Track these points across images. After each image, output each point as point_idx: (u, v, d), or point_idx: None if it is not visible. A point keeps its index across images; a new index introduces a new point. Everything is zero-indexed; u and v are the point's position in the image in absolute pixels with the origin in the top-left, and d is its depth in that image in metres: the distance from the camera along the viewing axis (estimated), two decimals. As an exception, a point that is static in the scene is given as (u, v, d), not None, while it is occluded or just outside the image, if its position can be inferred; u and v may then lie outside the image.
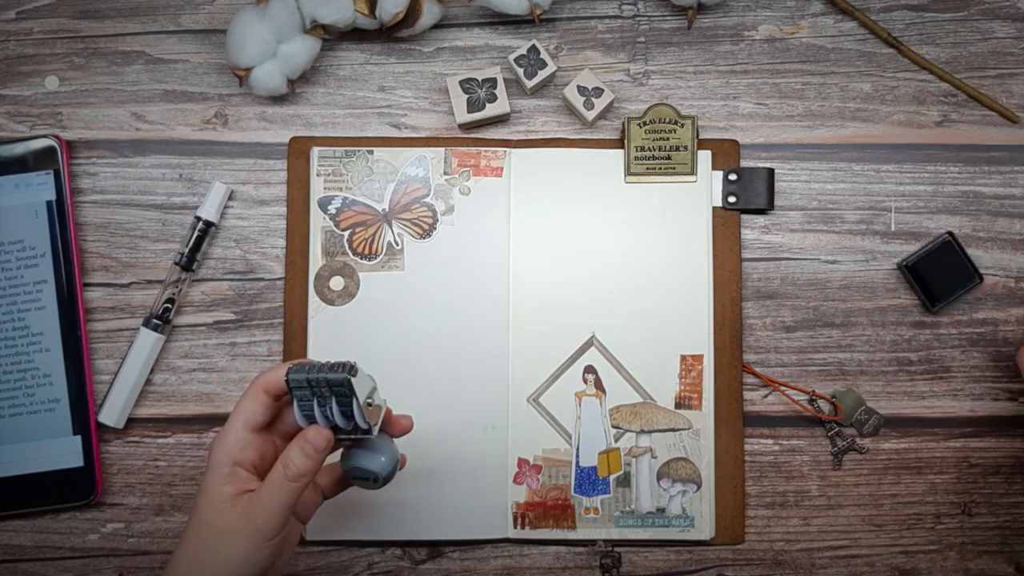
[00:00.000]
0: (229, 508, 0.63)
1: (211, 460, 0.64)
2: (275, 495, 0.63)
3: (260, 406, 0.64)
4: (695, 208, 0.80)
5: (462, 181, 0.80)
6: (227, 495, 0.63)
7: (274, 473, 0.63)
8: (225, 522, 0.63)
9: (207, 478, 0.64)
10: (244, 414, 0.64)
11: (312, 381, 0.63)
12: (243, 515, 0.62)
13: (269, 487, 0.63)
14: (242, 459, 0.64)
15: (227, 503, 0.63)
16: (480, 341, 0.78)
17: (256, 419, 0.64)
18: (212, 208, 0.79)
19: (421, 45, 0.82)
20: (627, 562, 0.79)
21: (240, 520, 0.62)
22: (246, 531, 0.62)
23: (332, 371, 0.63)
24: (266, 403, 0.65)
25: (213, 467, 0.64)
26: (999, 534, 0.79)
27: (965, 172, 0.81)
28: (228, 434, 0.64)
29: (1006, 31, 0.82)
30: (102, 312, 0.80)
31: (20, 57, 0.81)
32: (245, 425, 0.64)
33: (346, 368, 0.63)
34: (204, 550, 0.63)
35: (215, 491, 0.63)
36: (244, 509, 0.63)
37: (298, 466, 0.63)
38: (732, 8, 0.82)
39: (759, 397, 0.80)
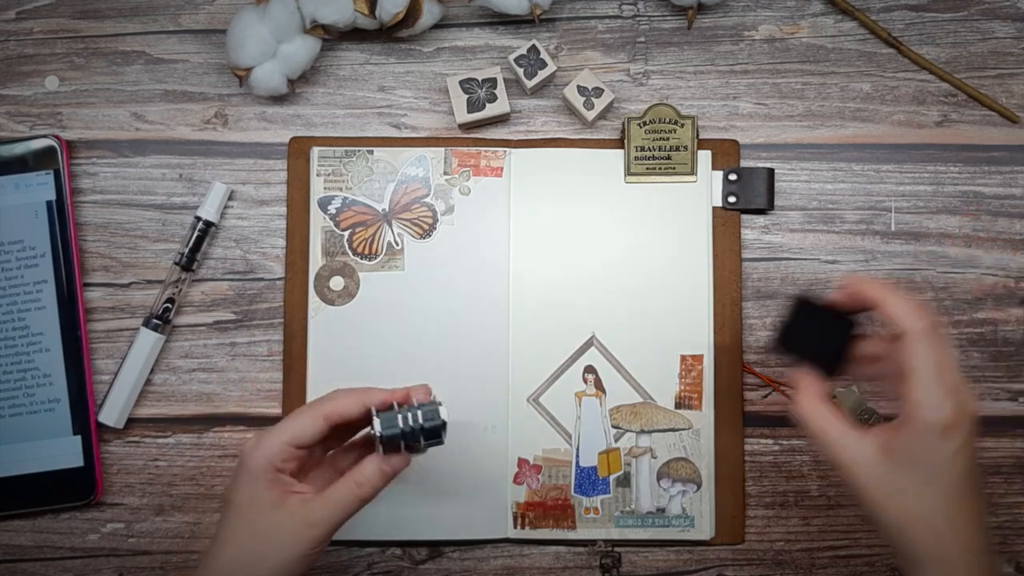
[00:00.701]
0: (277, 512, 0.63)
1: (249, 464, 0.64)
2: (341, 509, 0.64)
3: (315, 430, 0.64)
4: (695, 208, 0.80)
5: (462, 181, 0.80)
6: (273, 499, 0.63)
7: (343, 488, 0.64)
8: (276, 526, 0.63)
9: (247, 482, 0.64)
10: (294, 431, 0.64)
11: (406, 432, 0.65)
12: (300, 521, 0.63)
13: (335, 500, 0.64)
14: (284, 468, 0.64)
15: (274, 507, 0.63)
16: (480, 341, 0.78)
17: (305, 440, 0.64)
18: (212, 208, 0.79)
19: (421, 45, 0.82)
20: (627, 562, 0.79)
21: (295, 526, 0.63)
22: (302, 536, 0.63)
23: (427, 420, 0.65)
24: (323, 429, 0.65)
25: (253, 472, 0.64)
26: (999, 534, 0.79)
27: (965, 172, 0.81)
28: (271, 443, 0.64)
29: (1006, 31, 0.82)
30: (102, 312, 0.80)
31: (20, 57, 0.81)
32: (292, 441, 0.64)
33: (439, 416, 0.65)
34: (251, 552, 0.63)
35: (260, 495, 0.63)
36: (302, 516, 0.63)
37: (374, 485, 0.65)
38: (732, 8, 0.82)
39: (759, 397, 0.80)
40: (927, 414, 0.59)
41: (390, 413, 0.65)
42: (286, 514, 0.63)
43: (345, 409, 0.65)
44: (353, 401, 0.65)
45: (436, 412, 0.65)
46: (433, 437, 0.65)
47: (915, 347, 0.60)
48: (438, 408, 0.65)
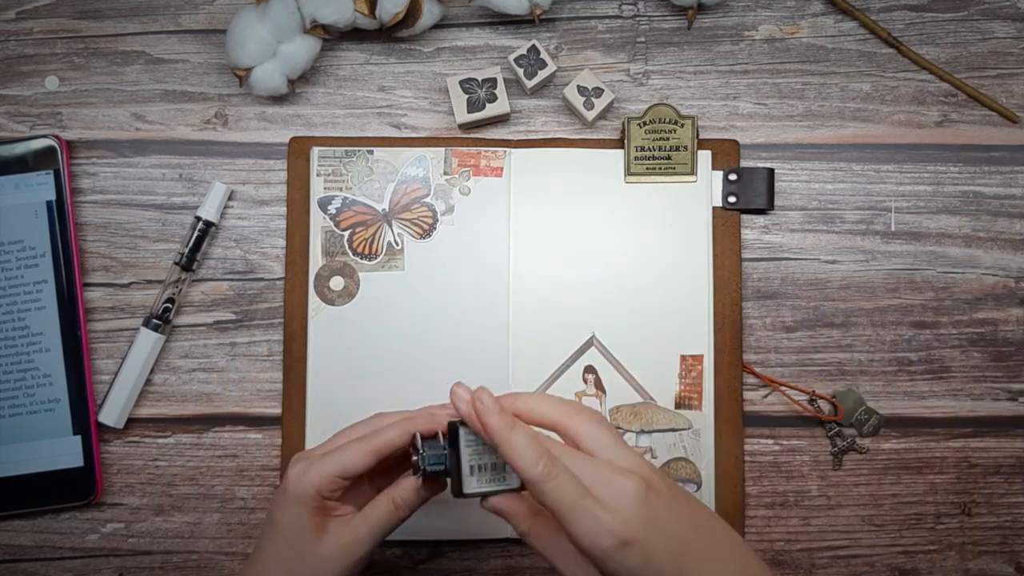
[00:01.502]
0: (321, 538, 0.64)
1: (297, 493, 0.64)
2: (379, 529, 0.64)
3: (365, 464, 0.64)
4: (695, 208, 0.80)
5: (462, 181, 0.80)
6: (317, 525, 0.64)
7: (382, 508, 0.64)
8: (319, 552, 0.64)
9: (293, 509, 0.64)
10: (345, 465, 0.64)
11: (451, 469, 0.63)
12: (343, 545, 0.64)
13: (375, 520, 0.64)
14: (330, 496, 0.65)
15: (317, 532, 0.64)
16: (480, 341, 0.78)
17: (354, 473, 0.64)
18: (212, 208, 0.79)
19: (421, 45, 0.82)
20: (627, 562, 0.79)
21: (338, 550, 0.64)
22: (350, 560, 0.64)
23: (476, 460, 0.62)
24: (372, 463, 0.65)
25: (300, 499, 0.64)
26: (999, 534, 0.79)
27: (965, 172, 0.81)
28: (320, 474, 0.64)
29: (1006, 31, 0.82)
30: (102, 312, 0.80)
31: (20, 57, 0.81)
32: (342, 474, 0.64)
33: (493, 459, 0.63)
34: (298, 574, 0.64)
35: (305, 523, 0.64)
36: (344, 539, 0.64)
37: (412, 507, 0.65)
38: (732, 8, 0.82)
39: (759, 397, 0.80)
40: (595, 543, 0.56)
41: (436, 449, 0.64)
42: (329, 538, 0.64)
43: (395, 442, 0.65)
44: (400, 433, 0.65)
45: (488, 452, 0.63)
46: None
47: (545, 484, 0.57)
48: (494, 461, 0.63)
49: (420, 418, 0.66)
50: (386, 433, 0.65)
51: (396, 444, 0.65)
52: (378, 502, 0.65)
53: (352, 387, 0.78)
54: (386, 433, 0.65)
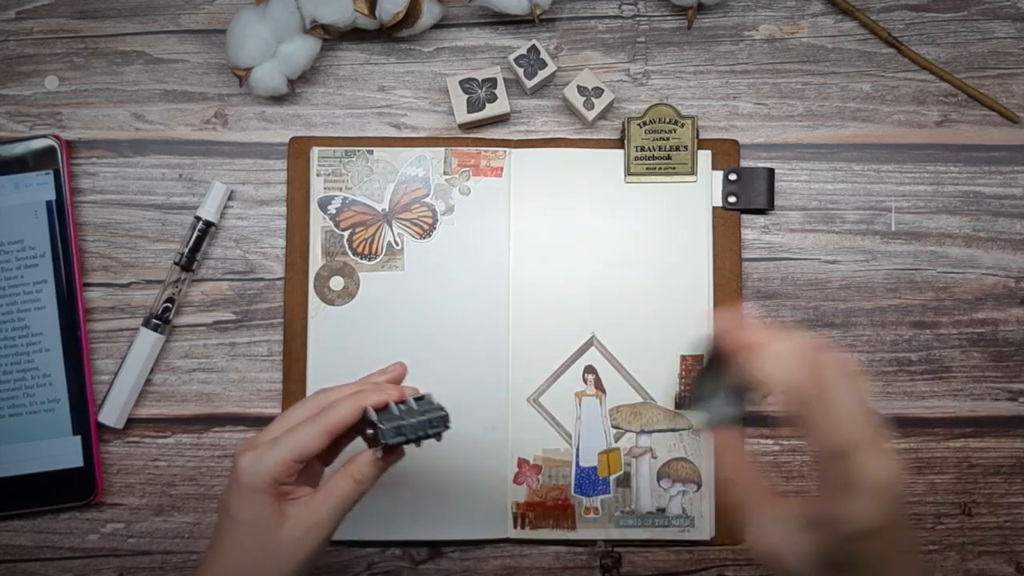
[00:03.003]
0: (281, 523, 0.63)
1: (251, 481, 0.63)
2: (341, 505, 0.64)
3: (319, 445, 0.64)
4: (695, 208, 0.80)
5: (462, 181, 0.80)
6: (276, 511, 0.63)
7: (343, 487, 0.64)
8: (281, 537, 0.63)
9: (249, 498, 0.63)
10: (299, 448, 0.63)
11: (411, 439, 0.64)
12: (304, 527, 0.63)
13: (336, 497, 0.64)
14: (286, 481, 0.64)
15: (277, 517, 0.63)
16: (480, 341, 0.78)
17: (311, 454, 0.64)
18: (212, 208, 0.79)
19: (421, 45, 0.82)
20: (627, 562, 0.79)
21: (301, 533, 0.63)
22: (314, 541, 0.63)
23: (432, 427, 0.64)
24: (325, 444, 0.64)
25: (256, 487, 0.63)
26: (999, 534, 0.79)
27: (965, 172, 0.81)
28: (274, 460, 0.63)
29: (1006, 31, 0.82)
30: (102, 312, 0.80)
31: (20, 57, 0.81)
32: (296, 458, 0.63)
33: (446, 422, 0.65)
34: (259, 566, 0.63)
35: (264, 510, 0.63)
36: (305, 521, 0.63)
37: (373, 478, 0.65)
38: (732, 8, 0.82)
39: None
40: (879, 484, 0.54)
41: (393, 420, 0.64)
42: (290, 522, 0.63)
43: (347, 419, 0.64)
44: (351, 409, 0.64)
45: (443, 420, 0.65)
46: (436, 439, 0.65)
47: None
48: (444, 416, 0.65)
49: (368, 391, 0.65)
50: (337, 410, 0.64)
51: (349, 421, 0.64)
52: (337, 480, 0.64)
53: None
54: (337, 410, 0.64)
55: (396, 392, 0.66)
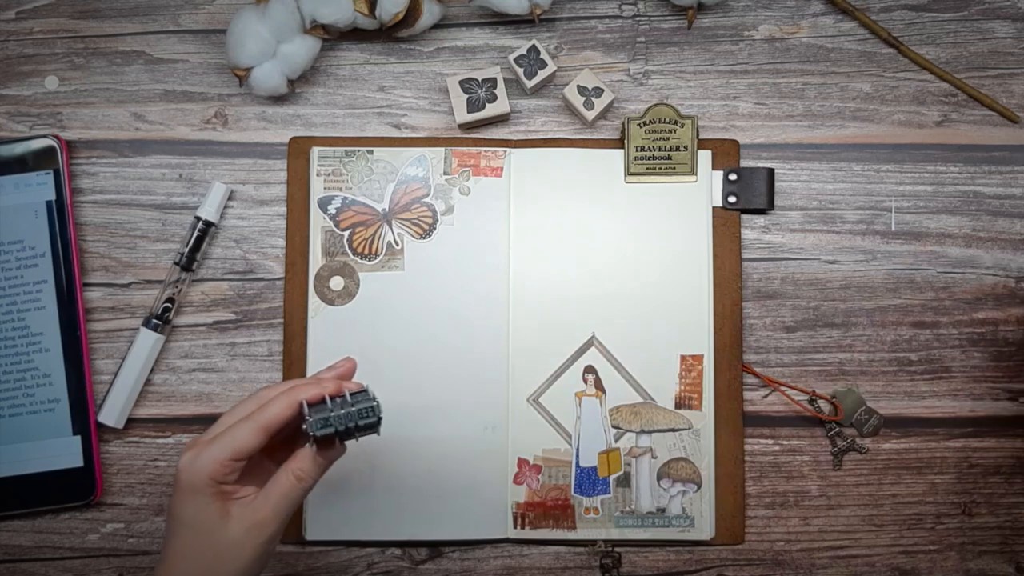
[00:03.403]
0: (225, 523, 0.63)
1: (192, 481, 0.63)
2: (285, 504, 0.64)
3: (256, 443, 0.63)
4: (695, 208, 0.79)
5: (462, 181, 0.80)
6: (219, 511, 0.63)
7: (284, 484, 0.64)
8: (226, 537, 0.63)
9: (190, 499, 0.63)
10: (235, 447, 0.63)
11: (340, 432, 0.64)
12: (248, 526, 0.63)
13: (279, 496, 0.63)
14: (226, 480, 0.63)
15: (221, 518, 0.63)
16: (480, 341, 0.78)
17: (248, 453, 0.63)
18: (212, 208, 0.79)
19: (421, 45, 0.82)
20: (627, 562, 0.79)
21: (245, 532, 0.63)
22: (254, 539, 0.63)
23: (363, 418, 0.64)
24: (263, 440, 0.64)
25: (196, 488, 0.63)
26: (999, 534, 0.79)
27: (965, 172, 0.81)
28: (211, 460, 0.63)
29: (1006, 31, 0.82)
30: (102, 312, 0.80)
31: (20, 57, 0.81)
32: (234, 456, 0.63)
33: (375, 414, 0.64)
34: (207, 568, 0.63)
35: (206, 511, 0.63)
36: (249, 520, 0.63)
37: (314, 476, 0.64)
38: (732, 8, 0.82)
39: (759, 397, 0.80)
40: None
41: (323, 412, 0.63)
42: (234, 522, 0.63)
43: (283, 415, 0.64)
44: (286, 404, 0.64)
45: (371, 411, 0.64)
46: (369, 430, 0.64)
47: None
48: (374, 406, 0.64)
49: (305, 386, 0.65)
50: (272, 407, 0.64)
51: (284, 416, 0.64)
52: (278, 478, 0.64)
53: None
54: (272, 407, 0.64)
55: (333, 386, 0.65)
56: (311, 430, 0.63)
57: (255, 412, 0.64)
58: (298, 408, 0.64)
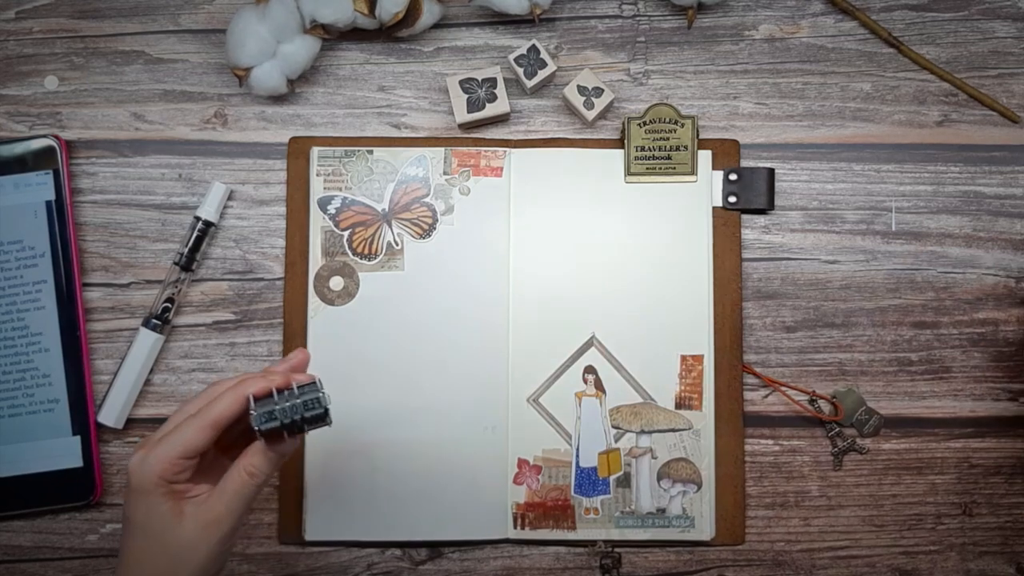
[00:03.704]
0: (179, 522, 0.62)
1: (141, 483, 0.62)
2: (238, 501, 0.63)
3: (204, 440, 0.63)
4: (695, 208, 0.79)
5: (462, 181, 0.80)
6: (172, 511, 0.62)
7: (237, 481, 0.63)
8: (181, 537, 0.62)
9: (142, 500, 0.62)
10: (183, 444, 0.62)
11: (287, 424, 0.63)
12: (203, 524, 0.62)
13: (232, 493, 0.63)
14: (177, 479, 0.63)
15: (174, 517, 0.62)
16: (480, 341, 0.78)
17: (197, 450, 0.63)
18: (212, 208, 0.79)
19: (421, 45, 0.82)
20: (627, 563, 0.79)
21: (200, 531, 0.62)
22: (209, 537, 0.62)
23: (308, 410, 0.63)
24: (211, 437, 0.63)
25: (146, 489, 0.62)
26: (1000, 534, 0.79)
27: (965, 172, 0.81)
28: (160, 459, 0.62)
29: (1006, 31, 0.82)
30: (102, 312, 0.80)
31: (20, 57, 0.81)
32: (182, 455, 0.62)
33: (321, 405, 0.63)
34: (163, 568, 0.63)
35: (158, 511, 0.62)
36: (203, 519, 0.62)
37: (266, 472, 0.64)
38: (732, 8, 0.82)
39: (759, 397, 0.80)
40: None
41: (268, 405, 0.63)
42: (187, 521, 0.62)
43: (229, 410, 0.63)
44: (233, 400, 0.63)
45: (317, 401, 0.63)
46: (317, 422, 0.63)
47: None
48: (319, 397, 0.63)
49: (253, 379, 0.64)
50: (219, 403, 0.63)
51: (232, 412, 0.63)
52: (231, 475, 0.63)
53: (352, 387, 0.78)
54: (219, 403, 0.63)
55: (280, 379, 0.64)
56: (255, 424, 0.62)
57: (203, 409, 0.63)
58: (246, 403, 0.63)
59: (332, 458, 0.78)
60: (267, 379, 0.64)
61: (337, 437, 0.77)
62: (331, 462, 0.78)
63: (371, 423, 0.78)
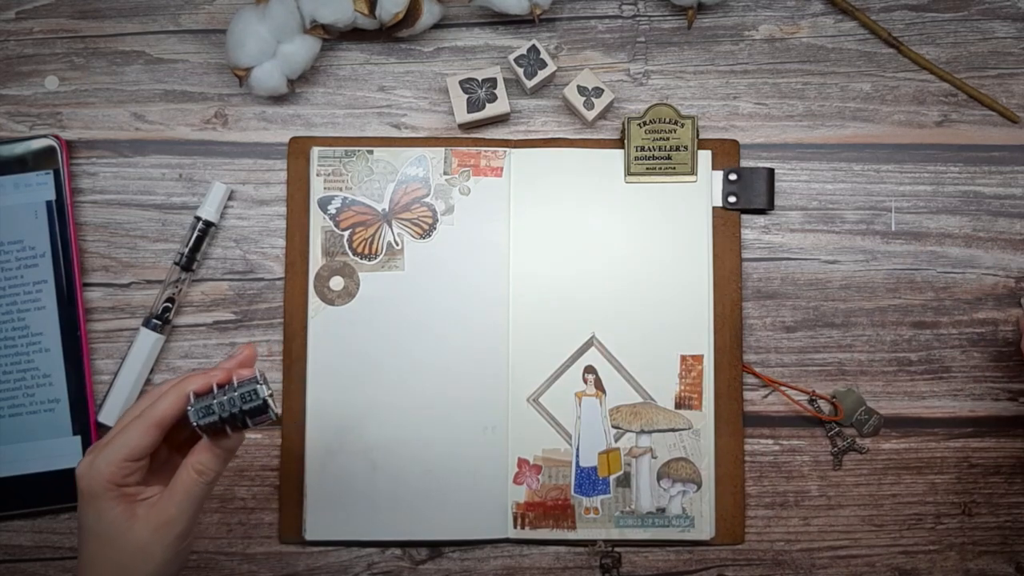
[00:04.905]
0: (130, 525, 0.62)
1: (89, 487, 0.62)
2: (189, 500, 0.62)
3: (149, 441, 0.62)
4: (695, 208, 0.80)
5: (462, 181, 0.80)
6: (122, 514, 0.62)
7: (186, 480, 0.62)
8: (134, 540, 0.62)
9: (91, 505, 0.62)
10: (129, 447, 0.62)
11: (226, 418, 0.62)
12: (155, 526, 0.62)
13: (181, 493, 0.62)
14: (126, 482, 0.62)
15: (125, 520, 0.62)
16: (480, 341, 0.78)
17: (141, 452, 0.62)
18: (212, 208, 0.79)
19: (421, 45, 0.82)
20: (627, 562, 0.79)
21: (152, 532, 0.62)
22: (162, 538, 0.62)
23: (246, 402, 0.62)
24: (156, 437, 0.62)
25: (94, 493, 0.62)
26: (999, 534, 0.79)
27: (965, 172, 0.81)
28: (106, 463, 0.62)
29: (1006, 31, 0.82)
30: (102, 312, 0.80)
31: (20, 57, 0.81)
32: (128, 457, 0.62)
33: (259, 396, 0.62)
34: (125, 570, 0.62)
35: (108, 515, 0.62)
36: (155, 520, 0.62)
37: (215, 470, 0.63)
38: (732, 8, 0.82)
39: (759, 397, 0.80)
40: None
41: (206, 400, 0.62)
42: (139, 524, 0.62)
43: (172, 409, 0.62)
44: (175, 398, 0.63)
45: (254, 393, 0.62)
46: (257, 414, 0.62)
47: None
48: (256, 388, 0.62)
49: (195, 377, 0.63)
50: (162, 403, 0.62)
51: (175, 410, 0.62)
52: (179, 474, 0.63)
53: (352, 387, 0.78)
54: (162, 403, 0.62)
55: (221, 374, 0.63)
56: (192, 419, 0.62)
57: (146, 410, 0.63)
58: (187, 400, 0.63)
59: (332, 458, 0.78)
60: (208, 375, 0.63)
61: (337, 437, 0.78)
62: (331, 462, 0.78)
63: (371, 423, 0.78)
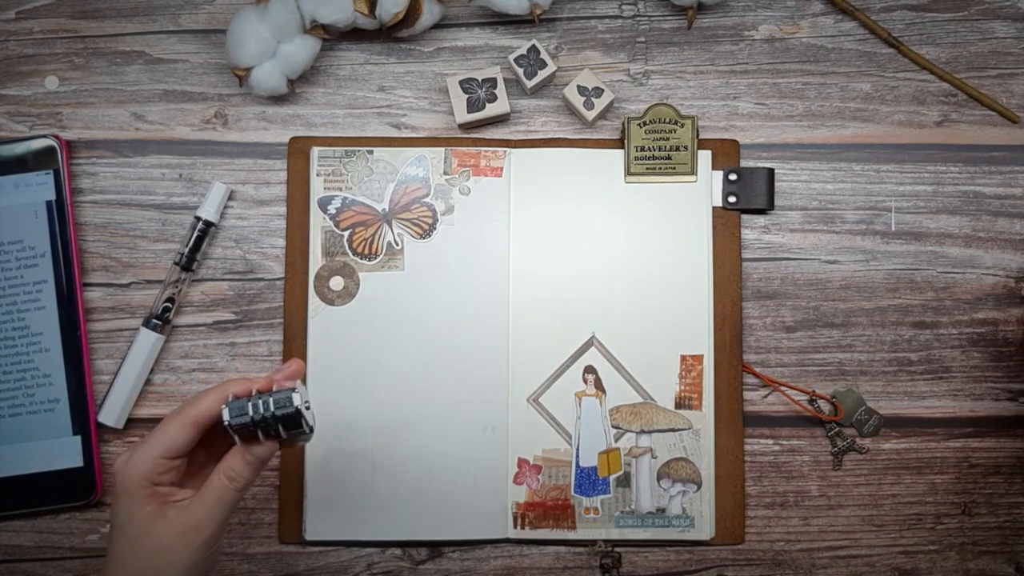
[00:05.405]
0: (160, 525, 0.62)
1: (124, 483, 0.62)
2: (219, 506, 0.63)
3: (185, 439, 0.63)
4: (695, 208, 0.80)
5: (462, 181, 0.80)
6: (153, 513, 0.62)
7: (217, 486, 0.63)
8: (161, 539, 0.62)
9: (124, 500, 0.63)
10: (165, 444, 0.62)
11: (257, 421, 0.62)
12: (183, 528, 0.62)
13: (212, 498, 0.63)
14: (161, 480, 0.63)
15: (155, 520, 0.62)
16: (480, 341, 0.78)
17: (177, 450, 0.63)
18: (212, 208, 0.79)
19: (421, 45, 0.82)
20: (627, 562, 0.79)
21: (180, 535, 0.62)
22: (190, 542, 0.62)
23: (279, 407, 0.62)
24: (193, 436, 0.63)
25: (128, 490, 0.62)
26: (999, 534, 0.79)
27: (965, 172, 0.81)
28: (143, 459, 0.62)
29: (1006, 31, 0.82)
30: (102, 312, 0.80)
31: (20, 57, 0.81)
32: (164, 454, 0.62)
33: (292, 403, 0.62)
34: (144, 571, 0.62)
35: (139, 512, 0.62)
36: (184, 523, 0.62)
37: (246, 477, 0.63)
38: (732, 8, 0.82)
39: (759, 397, 0.80)
40: None
41: (241, 401, 0.62)
42: (168, 525, 0.62)
43: (210, 409, 0.63)
44: (215, 399, 0.63)
45: (288, 399, 0.62)
46: (293, 426, 0.63)
47: None
48: (291, 395, 0.62)
49: (234, 382, 0.64)
50: (201, 402, 0.63)
51: (213, 411, 0.63)
52: (211, 480, 0.63)
53: (352, 387, 0.78)
54: (201, 402, 0.63)
55: (262, 381, 0.64)
56: (226, 417, 0.62)
57: (184, 408, 0.63)
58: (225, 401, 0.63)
59: (332, 458, 0.78)
60: (251, 381, 0.64)
61: (337, 437, 0.78)
62: (331, 462, 0.78)
63: (371, 423, 0.78)
